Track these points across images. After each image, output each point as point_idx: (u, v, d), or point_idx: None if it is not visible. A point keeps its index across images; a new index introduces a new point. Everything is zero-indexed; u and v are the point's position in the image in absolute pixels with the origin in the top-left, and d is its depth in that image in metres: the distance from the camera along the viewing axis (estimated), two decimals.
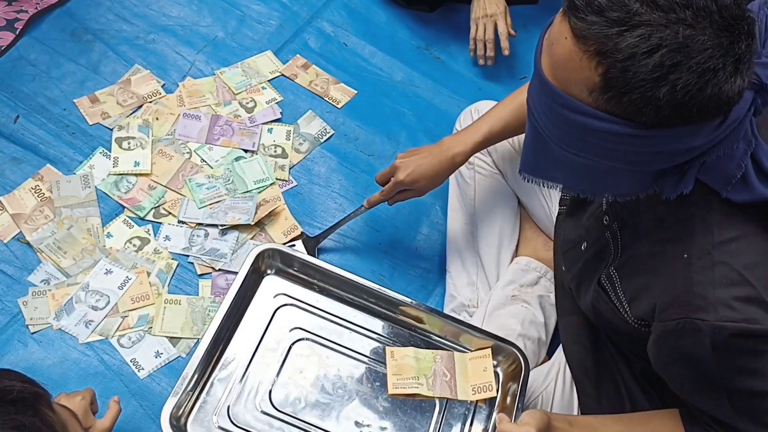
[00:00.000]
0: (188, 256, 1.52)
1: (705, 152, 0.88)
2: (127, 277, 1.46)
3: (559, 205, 1.40)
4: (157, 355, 1.40)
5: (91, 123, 1.66)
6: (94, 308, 1.43)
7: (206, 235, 1.55)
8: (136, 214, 1.54)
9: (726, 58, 0.78)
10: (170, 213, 1.57)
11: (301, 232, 1.58)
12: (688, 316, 0.92)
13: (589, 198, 1.01)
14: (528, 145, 1.00)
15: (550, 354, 1.49)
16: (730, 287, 0.91)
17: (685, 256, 0.94)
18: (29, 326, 1.40)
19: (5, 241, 1.48)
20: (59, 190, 1.55)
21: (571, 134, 0.89)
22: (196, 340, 1.42)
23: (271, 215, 1.59)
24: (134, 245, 1.51)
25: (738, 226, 0.93)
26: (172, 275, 1.49)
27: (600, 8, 0.79)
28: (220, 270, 1.51)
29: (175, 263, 1.50)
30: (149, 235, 1.53)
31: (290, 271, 1.35)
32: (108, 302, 1.44)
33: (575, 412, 1.35)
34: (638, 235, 1.05)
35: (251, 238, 1.55)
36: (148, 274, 1.48)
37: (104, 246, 1.50)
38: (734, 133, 0.88)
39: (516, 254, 1.58)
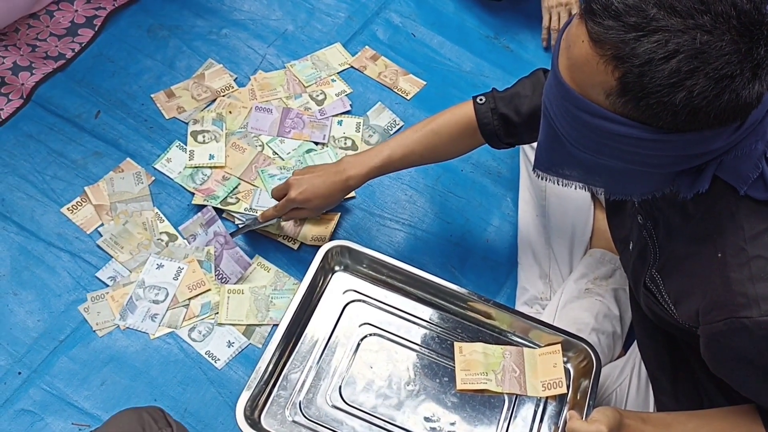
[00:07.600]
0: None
1: (723, 153, 0.88)
2: (179, 267, 1.49)
3: None
4: (230, 344, 1.44)
5: (167, 117, 1.70)
6: (155, 302, 1.46)
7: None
8: (208, 203, 1.57)
9: (744, 64, 0.77)
10: (241, 201, 1.59)
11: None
12: (732, 315, 0.91)
13: (603, 195, 1.01)
14: (542, 143, 0.99)
15: (626, 349, 1.46)
16: None
17: (719, 255, 0.93)
18: (97, 332, 1.42)
19: (88, 233, 1.53)
20: (113, 186, 1.59)
21: (587, 136, 0.88)
22: (269, 330, 1.45)
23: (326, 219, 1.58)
24: (162, 240, 1.54)
25: (767, 217, 0.91)
26: (215, 261, 1.50)
27: (617, 13, 0.78)
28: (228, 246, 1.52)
29: (212, 248, 1.52)
30: (177, 232, 1.55)
31: (359, 267, 1.36)
32: (167, 294, 1.47)
33: (651, 409, 1.32)
34: (671, 234, 1.03)
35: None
36: (200, 263, 1.50)
37: (159, 240, 1.53)
38: (753, 134, 0.87)
39: (590, 246, 1.56)
